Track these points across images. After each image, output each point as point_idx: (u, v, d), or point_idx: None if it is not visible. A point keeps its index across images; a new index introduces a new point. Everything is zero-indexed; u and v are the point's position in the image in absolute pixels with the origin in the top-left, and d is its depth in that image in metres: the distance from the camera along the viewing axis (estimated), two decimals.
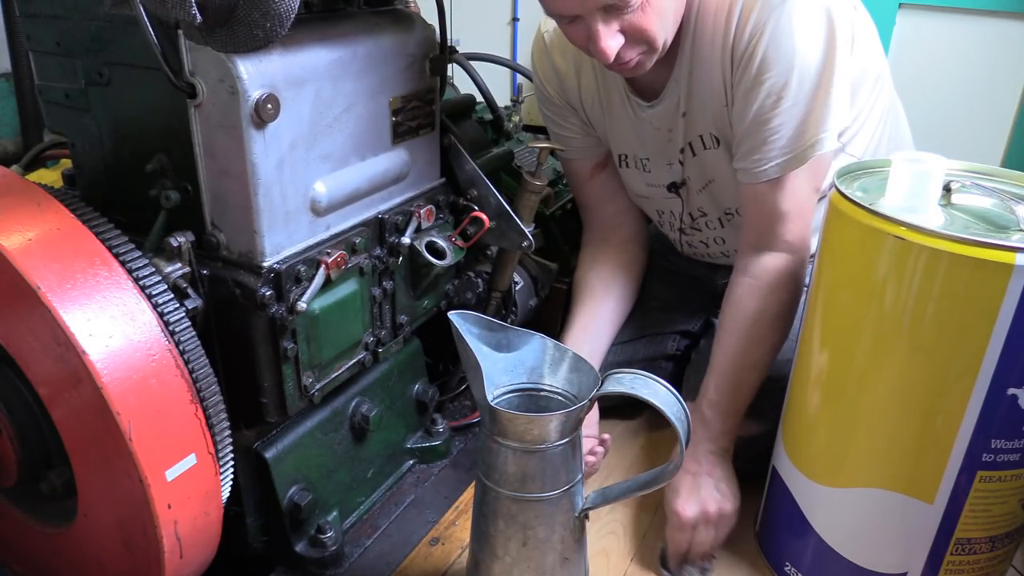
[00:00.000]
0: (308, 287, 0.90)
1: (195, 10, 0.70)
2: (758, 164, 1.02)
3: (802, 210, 1.04)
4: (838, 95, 0.98)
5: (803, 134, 0.99)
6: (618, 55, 0.97)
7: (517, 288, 1.33)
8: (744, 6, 0.98)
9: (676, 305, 1.39)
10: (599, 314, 1.27)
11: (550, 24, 1.21)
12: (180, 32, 0.80)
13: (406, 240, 1.04)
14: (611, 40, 0.95)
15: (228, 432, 0.84)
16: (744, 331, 1.06)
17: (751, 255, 1.08)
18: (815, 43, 0.96)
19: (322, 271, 0.91)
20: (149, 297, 0.77)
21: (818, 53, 0.96)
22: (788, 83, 0.97)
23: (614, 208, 1.33)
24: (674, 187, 1.21)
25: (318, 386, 0.98)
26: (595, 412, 1.23)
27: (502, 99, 2.28)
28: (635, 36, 0.97)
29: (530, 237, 1.17)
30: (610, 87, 1.18)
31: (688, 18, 1.04)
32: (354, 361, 1.04)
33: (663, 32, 0.98)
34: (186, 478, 0.77)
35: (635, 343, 1.34)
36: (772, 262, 1.05)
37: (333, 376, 1.01)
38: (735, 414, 1.07)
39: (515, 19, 3.50)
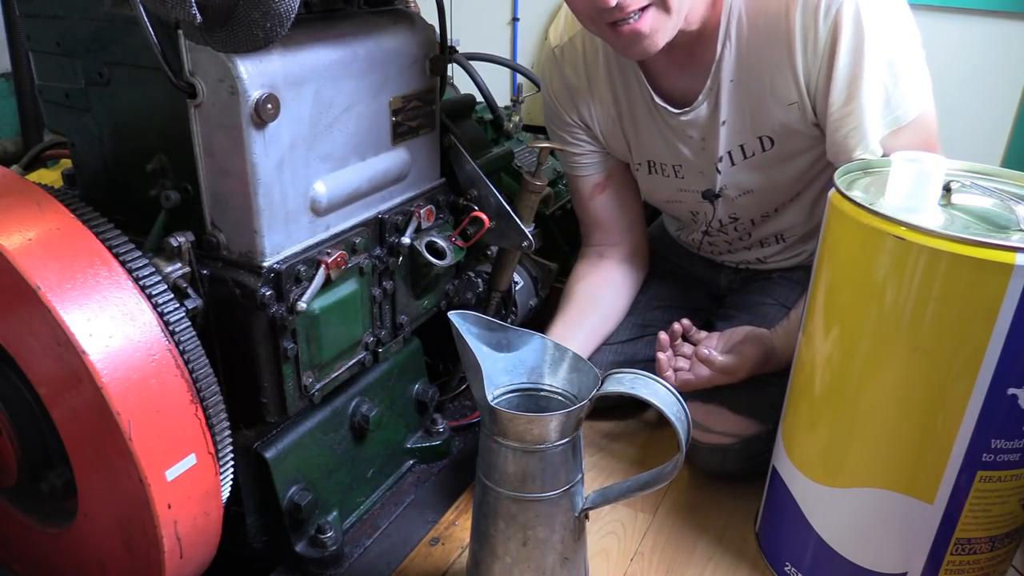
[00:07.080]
0: (308, 287, 0.90)
1: (195, 10, 0.69)
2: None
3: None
4: (921, 65, 0.99)
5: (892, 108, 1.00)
6: (623, 4, 0.91)
7: (517, 288, 1.33)
8: (804, 6, 0.96)
9: (678, 305, 1.39)
10: (579, 326, 1.27)
11: (560, 37, 1.21)
12: (180, 32, 0.80)
13: (406, 240, 1.04)
14: None
15: (228, 432, 0.84)
16: None
17: None
18: (890, 23, 0.96)
19: (322, 271, 0.91)
20: (149, 297, 0.77)
21: (897, 31, 0.97)
22: (877, 64, 0.96)
23: (614, 227, 1.33)
24: (709, 194, 1.20)
25: (318, 386, 0.98)
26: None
27: (502, 99, 2.28)
28: None
29: (530, 237, 1.17)
30: (633, 96, 1.16)
31: (725, 26, 1.02)
32: (354, 361, 1.04)
33: (685, 3, 0.95)
34: (186, 478, 0.76)
35: (635, 343, 1.34)
36: None
37: (333, 376, 1.01)
38: None
39: (515, 19, 3.50)
